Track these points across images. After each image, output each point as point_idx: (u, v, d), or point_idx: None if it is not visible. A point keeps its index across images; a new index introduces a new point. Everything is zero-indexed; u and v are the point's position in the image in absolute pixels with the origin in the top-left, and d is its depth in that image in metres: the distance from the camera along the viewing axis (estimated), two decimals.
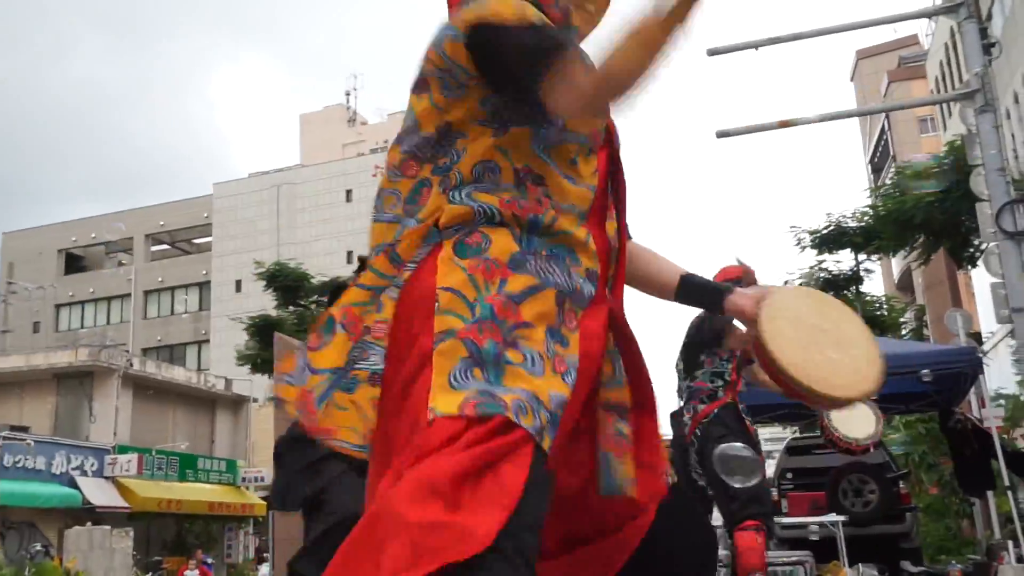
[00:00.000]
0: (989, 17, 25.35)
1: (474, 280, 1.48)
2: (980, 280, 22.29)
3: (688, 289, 1.80)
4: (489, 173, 1.55)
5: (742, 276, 4.69)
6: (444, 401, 1.38)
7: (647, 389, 1.62)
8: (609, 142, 1.68)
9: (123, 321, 45.17)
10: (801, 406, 11.36)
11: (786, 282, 24.77)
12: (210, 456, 30.41)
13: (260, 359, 25.05)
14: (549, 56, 1.45)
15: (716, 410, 4.75)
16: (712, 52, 11.94)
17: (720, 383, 4.77)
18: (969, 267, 20.10)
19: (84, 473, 24.59)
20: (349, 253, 41.16)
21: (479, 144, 1.55)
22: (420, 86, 1.60)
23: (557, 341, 1.49)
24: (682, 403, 4.92)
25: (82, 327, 44.94)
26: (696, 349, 4.73)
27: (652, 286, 1.83)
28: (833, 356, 1.66)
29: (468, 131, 1.56)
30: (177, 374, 31.92)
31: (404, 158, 1.61)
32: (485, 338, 1.43)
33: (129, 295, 45.37)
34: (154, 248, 47.84)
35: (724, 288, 1.78)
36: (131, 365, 29.16)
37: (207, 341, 43.15)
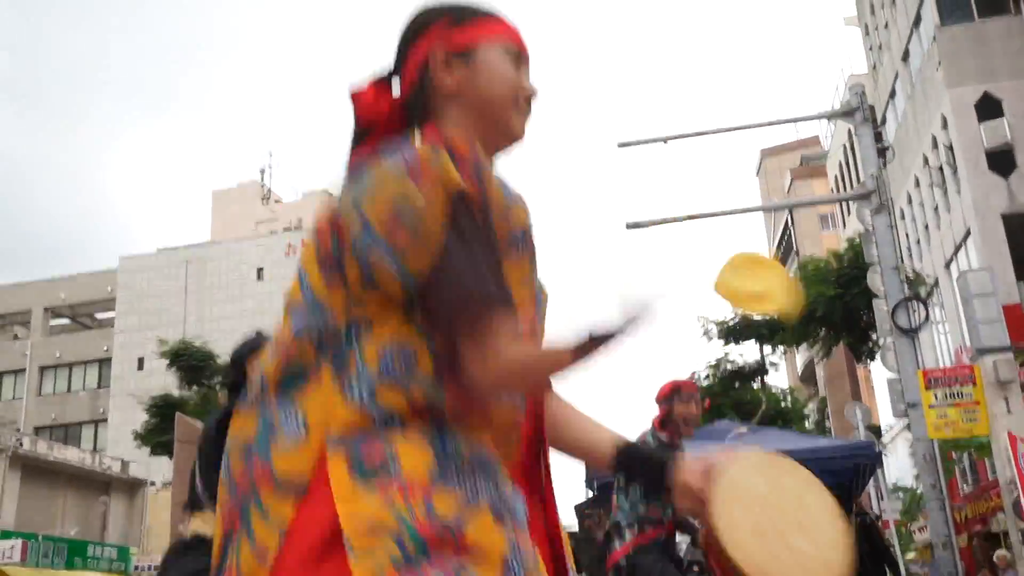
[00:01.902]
0: (883, 121, 26.68)
1: (394, 506, 1.18)
2: (879, 374, 22.99)
3: (626, 462, 1.55)
4: (401, 362, 1.26)
5: (681, 388, 4.62)
6: None
7: None
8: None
9: (16, 397, 43.29)
10: None
11: (693, 373, 25.16)
12: (101, 543, 29.03)
13: (160, 441, 24.25)
14: (487, 309, 1.24)
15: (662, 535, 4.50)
16: (622, 144, 12.26)
17: (671, 510, 4.54)
18: (868, 361, 20.71)
19: None
20: (258, 333, 40.34)
21: (391, 324, 1.27)
22: (330, 267, 1.31)
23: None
24: (620, 519, 4.63)
25: None
26: None
27: (579, 453, 1.59)
28: (797, 546, 1.44)
29: (382, 316, 1.28)
30: (70, 454, 30.60)
31: (295, 340, 1.31)
32: None
33: (23, 370, 43.61)
34: (53, 322, 46.24)
35: (666, 459, 1.52)
36: (20, 444, 27.86)
37: (105, 420, 41.57)
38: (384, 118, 1.42)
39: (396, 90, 1.45)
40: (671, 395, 4.60)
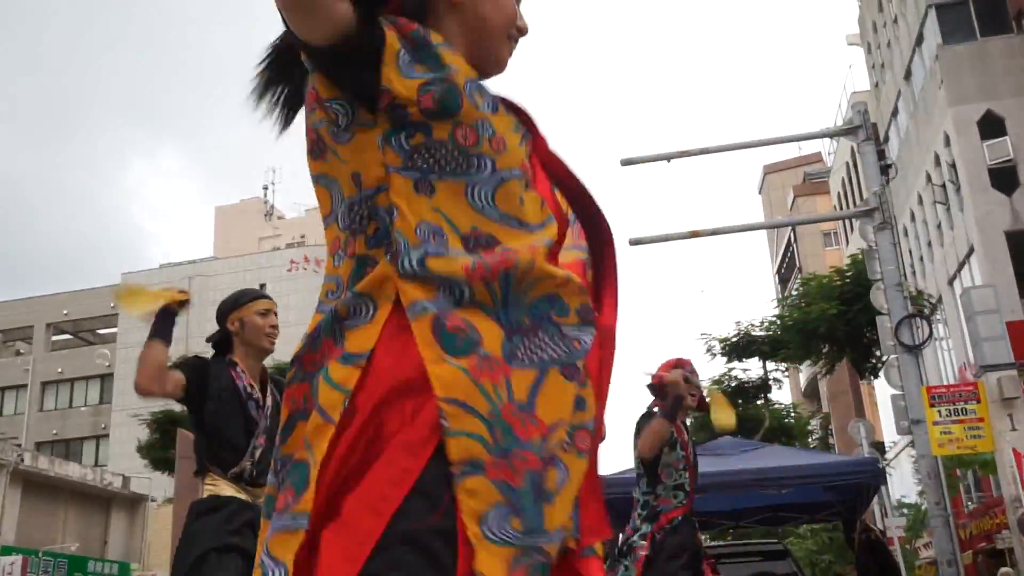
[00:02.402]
0: (886, 139, 26.75)
1: (483, 388, 1.22)
2: (882, 391, 22.94)
3: None
4: (436, 236, 1.28)
5: (683, 363, 4.70)
6: (488, 563, 1.16)
7: (602, 414, 1.40)
8: (542, 156, 1.45)
9: (17, 413, 43.27)
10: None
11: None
12: (102, 559, 28.93)
13: (161, 456, 24.21)
14: None
15: (678, 518, 4.65)
16: (626, 162, 12.29)
17: (682, 495, 4.72)
18: (872, 378, 20.67)
19: None
20: (243, 290, 40.39)
21: (412, 202, 1.29)
22: (316, 149, 1.37)
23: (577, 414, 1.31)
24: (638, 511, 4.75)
25: None
26: (653, 465, 4.67)
27: None
28: None
29: (387, 182, 1.30)
30: (71, 470, 30.53)
31: (342, 236, 1.36)
32: (519, 474, 1.21)
33: (25, 386, 43.60)
34: (55, 338, 46.26)
35: None
36: (22, 460, 27.81)
37: (106, 436, 41.54)
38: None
39: None
40: (676, 366, 4.65)
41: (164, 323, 3.43)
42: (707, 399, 5.01)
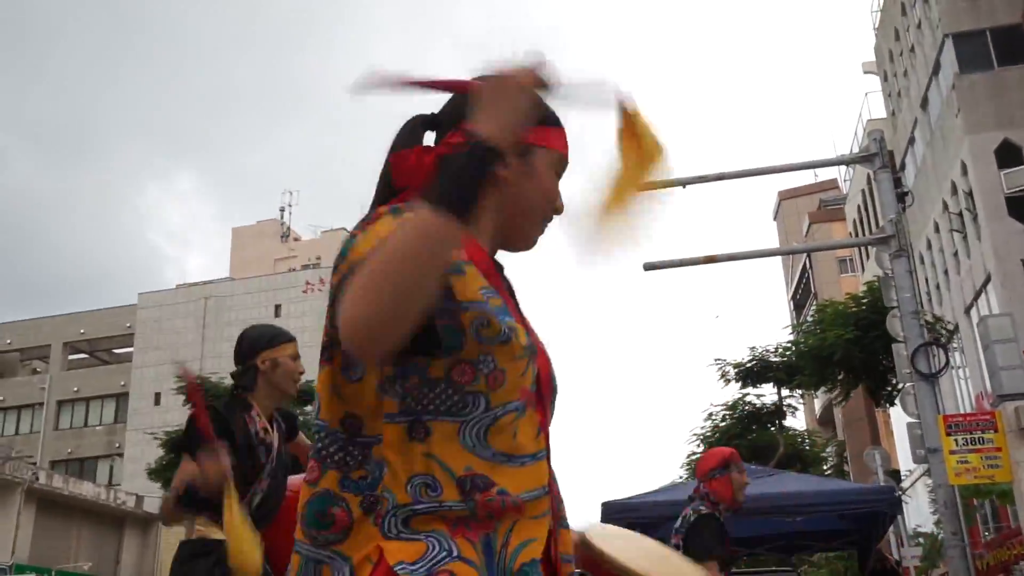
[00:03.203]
0: (902, 167, 26.74)
1: None
2: (898, 418, 22.79)
3: None
4: (427, 490, 1.23)
5: (733, 457, 4.54)
6: None
7: None
8: (543, 384, 1.38)
9: (33, 431, 43.43)
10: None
11: (711, 415, 25.01)
12: None
13: (173, 477, 24.23)
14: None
15: None
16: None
17: None
18: (887, 405, 20.54)
19: None
20: (272, 327, 40.46)
21: (405, 454, 1.25)
22: (325, 351, 1.30)
23: None
24: None
25: None
26: None
27: None
28: (676, 562, 1.80)
29: (381, 432, 1.26)
30: (86, 489, 30.62)
31: (324, 454, 1.30)
32: None
33: (41, 404, 43.80)
34: (71, 357, 46.50)
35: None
36: (36, 478, 27.91)
37: (120, 455, 41.63)
38: (422, 176, 1.34)
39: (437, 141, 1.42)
40: (727, 463, 4.47)
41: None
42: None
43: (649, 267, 12.24)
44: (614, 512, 9.24)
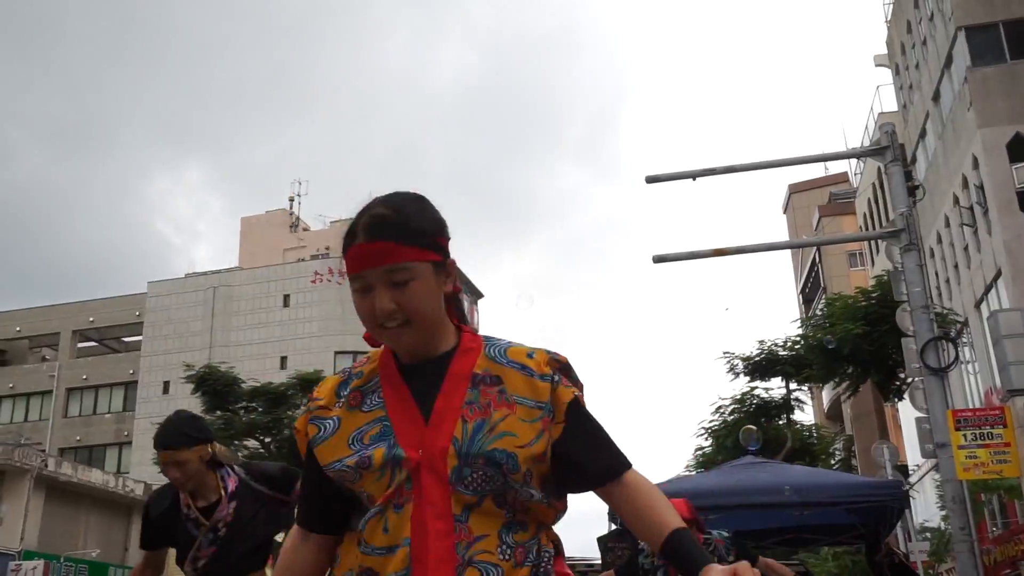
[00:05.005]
0: (913, 160, 26.60)
1: None
2: (906, 413, 22.73)
3: (672, 550, 1.65)
4: None
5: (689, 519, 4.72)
6: None
7: None
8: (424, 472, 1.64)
9: (42, 419, 43.64)
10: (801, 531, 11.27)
11: (719, 408, 24.99)
12: (122, 565, 29.07)
13: None
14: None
15: None
16: (651, 179, 12.29)
17: None
18: (896, 400, 20.49)
19: None
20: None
21: (349, 552, 1.71)
22: None
23: None
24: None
25: None
26: None
27: (641, 532, 1.72)
28: None
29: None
30: (94, 476, 30.74)
31: None
32: None
33: (51, 392, 43.99)
34: (81, 345, 46.68)
35: (701, 563, 1.61)
36: (45, 466, 28.04)
37: (129, 443, 41.80)
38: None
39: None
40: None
41: None
42: None
43: (658, 259, 12.22)
44: None
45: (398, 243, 1.64)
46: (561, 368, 1.73)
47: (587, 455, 1.69)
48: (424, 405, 1.65)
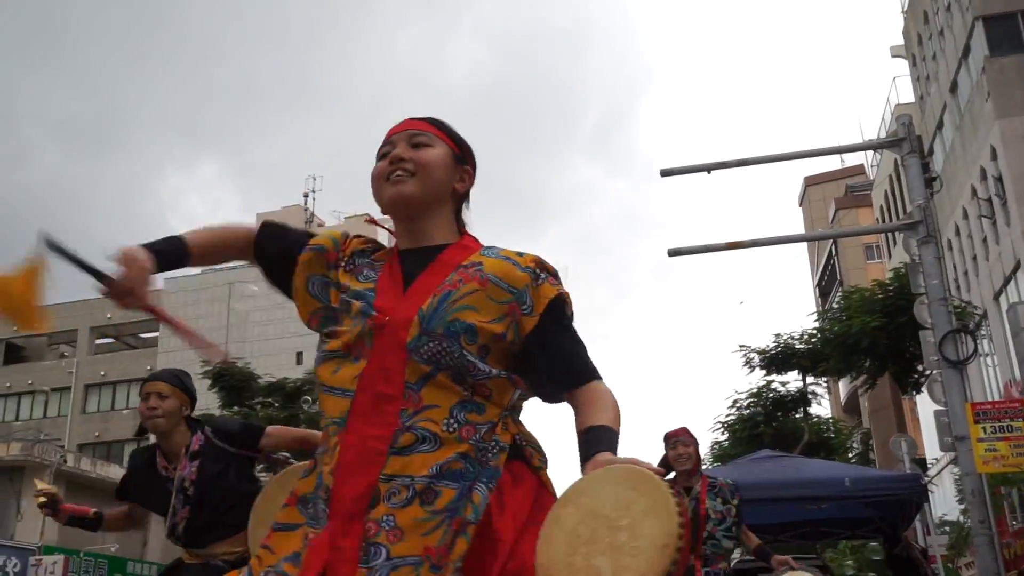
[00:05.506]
0: (931, 152, 26.41)
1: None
2: (925, 406, 22.60)
3: (582, 442, 1.65)
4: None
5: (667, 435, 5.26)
6: None
7: None
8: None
9: (60, 415, 43.95)
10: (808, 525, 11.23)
11: (735, 402, 24.89)
12: (141, 560, 29.25)
13: None
14: None
15: None
16: (665, 173, 12.24)
17: None
18: (914, 393, 20.36)
19: (6, 574, 23.48)
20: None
21: None
22: None
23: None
24: None
25: (17, 419, 43.59)
26: None
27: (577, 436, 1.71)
28: (598, 564, 1.41)
29: None
30: (113, 472, 30.91)
31: None
32: None
33: (69, 388, 44.29)
34: (98, 341, 46.96)
35: (589, 454, 1.60)
36: (64, 461, 28.25)
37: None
38: None
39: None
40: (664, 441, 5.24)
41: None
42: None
43: (673, 253, 12.18)
44: None
45: (426, 124, 1.87)
46: (552, 273, 1.78)
47: (559, 356, 1.72)
48: (408, 282, 1.77)
